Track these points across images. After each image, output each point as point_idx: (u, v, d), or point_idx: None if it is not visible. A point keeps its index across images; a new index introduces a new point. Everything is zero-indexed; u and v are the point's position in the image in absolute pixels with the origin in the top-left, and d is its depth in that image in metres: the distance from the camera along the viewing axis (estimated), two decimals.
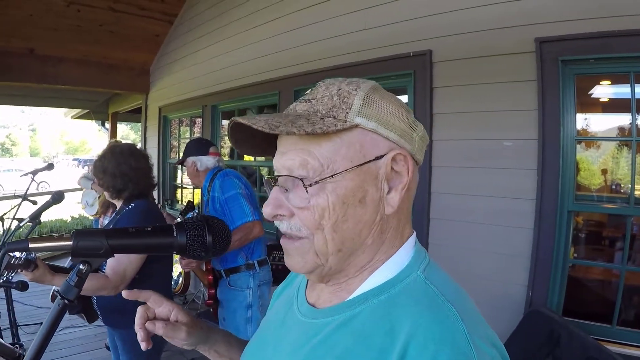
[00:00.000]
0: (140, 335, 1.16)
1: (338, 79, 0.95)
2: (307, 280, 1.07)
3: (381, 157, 0.88)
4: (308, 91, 0.96)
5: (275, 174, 0.92)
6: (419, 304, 0.82)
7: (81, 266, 1.00)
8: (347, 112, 0.87)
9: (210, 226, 1.12)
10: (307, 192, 0.87)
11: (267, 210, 0.92)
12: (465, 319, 0.79)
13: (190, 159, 3.99)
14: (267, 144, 0.97)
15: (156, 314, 1.21)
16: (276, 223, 0.93)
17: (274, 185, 0.93)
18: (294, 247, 0.93)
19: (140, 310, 1.18)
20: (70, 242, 0.99)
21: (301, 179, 0.87)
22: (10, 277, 2.44)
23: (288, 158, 0.90)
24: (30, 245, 0.98)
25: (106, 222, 5.81)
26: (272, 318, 1.14)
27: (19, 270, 2.42)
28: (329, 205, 0.87)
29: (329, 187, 0.87)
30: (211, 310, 4.04)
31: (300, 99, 0.95)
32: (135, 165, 3.05)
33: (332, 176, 0.86)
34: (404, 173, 0.90)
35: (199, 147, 4.04)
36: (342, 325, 0.88)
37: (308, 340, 0.91)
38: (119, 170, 2.98)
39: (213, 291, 4.00)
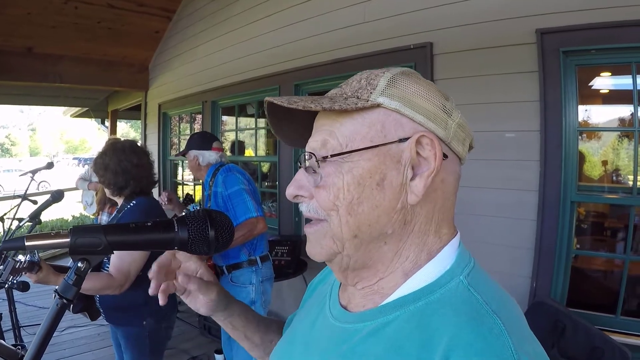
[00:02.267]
0: (153, 285, 1.12)
1: (374, 69, 0.90)
2: None
3: (405, 139, 0.81)
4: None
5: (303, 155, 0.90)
6: (460, 314, 0.74)
7: (79, 264, 0.97)
8: (370, 93, 0.83)
9: (212, 220, 1.08)
10: (319, 168, 0.84)
11: (288, 190, 0.89)
12: (511, 333, 0.70)
13: (193, 153, 3.91)
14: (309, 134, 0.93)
15: (182, 267, 1.18)
16: (299, 206, 0.90)
17: (300, 167, 0.89)
18: (312, 232, 0.88)
19: (162, 257, 1.14)
20: (68, 239, 0.96)
21: (316, 156, 0.85)
22: (15, 281, 2.43)
23: (313, 139, 0.87)
24: (27, 243, 0.95)
25: (104, 218, 5.79)
26: (304, 316, 1.10)
27: (24, 273, 2.42)
28: (344, 184, 0.82)
29: (345, 167, 0.82)
30: None
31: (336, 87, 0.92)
32: (137, 162, 3.04)
33: (349, 153, 0.82)
34: (430, 159, 0.81)
35: (202, 141, 3.95)
36: (373, 333, 0.82)
37: (337, 346, 0.86)
38: (120, 168, 2.97)
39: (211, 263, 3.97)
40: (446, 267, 0.83)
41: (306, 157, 0.87)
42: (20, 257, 2.38)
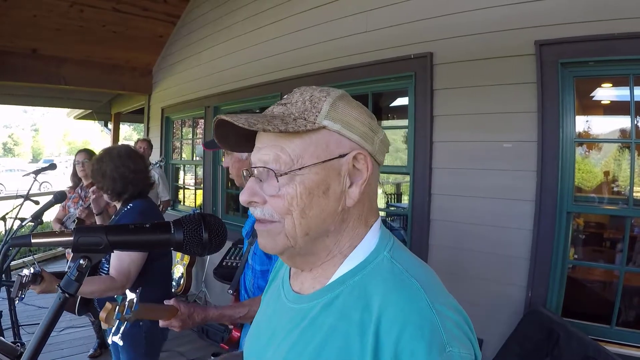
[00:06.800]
0: None
1: (311, 87, 1.08)
2: (290, 271, 1.20)
3: (344, 155, 1.01)
4: (285, 96, 1.09)
5: (252, 166, 1.04)
6: (386, 281, 0.96)
7: (81, 261, 1.03)
8: (316, 115, 1.00)
9: (207, 223, 1.15)
10: (278, 182, 1.00)
11: (242, 197, 1.05)
12: (427, 290, 0.93)
13: None
14: (245, 141, 1.09)
15: None
16: (251, 209, 1.06)
17: (250, 176, 1.05)
18: (265, 230, 1.04)
19: None
20: (72, 238, 1.02)
21: (274, 171, 1.00)
22: (23, 296, 2.46)
23: (264, 153, 1.02)
24: (33, 241, 1.00)
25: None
26: (264, 311, 1.26)
27: (29, 287, 2.45)
28: (297, 194, 0.99)
29: (297, 179, 0.99)
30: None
31: (277, 103, 1.08)
32: (134, 168, 3.07)
33: (300, 169, 0.98)
34: (363, 170, 1.02)
35: None
36: (325, 307, 1.00)
37: (297, 324, 1.04)
38: (117, 174, 3.00)
39: (239, 334, 2.90)
40: (372, 247, 1.05)
41: (256, 169, 1.03)
42: (25, 272, 2.43)
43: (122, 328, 1.61)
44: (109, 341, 1.57)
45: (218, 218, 1.21)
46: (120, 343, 1.57)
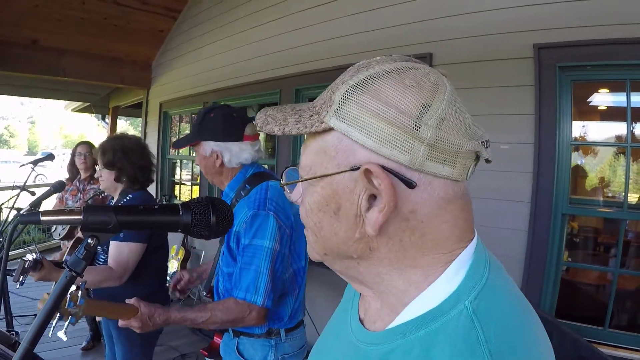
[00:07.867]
0: None
1: (370, 60, 0.79)
2: None
3: (357, 168, 0.71)
4: None
5: None
6: (454, 354, 0.65)
7: (90, 240, 1.04)
8: (327, 111, 0.74)
9: (215, 207, 1.17)
10: (300, 189, 0.83)
11: (290, 195, 0.87)
12: None
13: (211, 146, 2.33)
14: None
15: None
16: None
17: None
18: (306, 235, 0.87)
19: None
20: (81, 217, 1.03)
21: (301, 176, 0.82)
22: (24, 281, 2.47)
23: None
24: (42, 218, 1.02)
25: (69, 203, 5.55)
26: (333, 320, 1.06)
27: (29, 272, 2.47)
28: (308, 207, 0.80)
29: (310, 190, 0.79)
30: None
31: None
32: (153, 160, 3.16)
33: (307, 179, 0.79)
34: (381, 191, 0.70)
35: (228, 127, 2.31)
36: None
37: None
38: (143, 162, 3.08)
39: (220, 340, 2.79)
40: (453, 287, 0.73)
41: None
42: (28, 257, 2.44)
43: (66, 324, 1.50)
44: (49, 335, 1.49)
45: (226, 203, 1.22)
46: (64, 339, 1.52)
